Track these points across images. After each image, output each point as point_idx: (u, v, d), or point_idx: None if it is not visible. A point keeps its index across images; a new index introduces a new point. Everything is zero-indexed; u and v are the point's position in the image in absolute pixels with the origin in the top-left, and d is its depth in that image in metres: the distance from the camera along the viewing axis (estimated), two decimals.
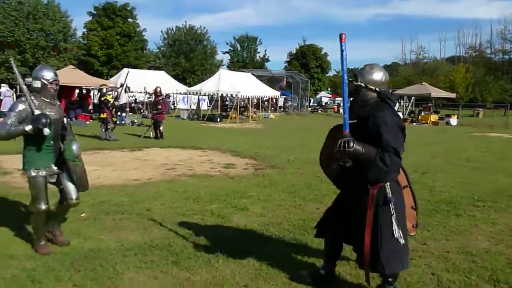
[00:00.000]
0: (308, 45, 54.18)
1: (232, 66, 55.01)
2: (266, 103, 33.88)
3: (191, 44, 51.90)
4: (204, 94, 27.56)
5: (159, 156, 10.78)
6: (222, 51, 61.22)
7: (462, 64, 55.08)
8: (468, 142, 16.30)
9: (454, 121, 27.77)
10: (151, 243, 4.48)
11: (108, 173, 8.31)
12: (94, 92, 26.38)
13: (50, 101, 4.19)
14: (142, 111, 27.29)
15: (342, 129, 3.14)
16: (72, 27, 41.21)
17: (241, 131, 19.13)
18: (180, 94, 31.14)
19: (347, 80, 3.15)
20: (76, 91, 24.22)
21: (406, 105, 33.55)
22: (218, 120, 24.51)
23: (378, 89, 3.23)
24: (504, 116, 32.46)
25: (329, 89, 63.98)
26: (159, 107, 14.72)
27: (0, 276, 3.62)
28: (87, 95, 25.03)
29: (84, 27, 44.49)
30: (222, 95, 26.43)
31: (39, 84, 4.13)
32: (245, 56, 59.48)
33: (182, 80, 40.98)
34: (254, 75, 32.12)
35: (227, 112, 27.07)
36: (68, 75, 19.51)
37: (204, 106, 30.83)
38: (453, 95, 34.45)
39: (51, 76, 4.17)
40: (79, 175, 4.20)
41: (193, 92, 28.02)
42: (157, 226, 5.02)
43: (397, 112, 3.33)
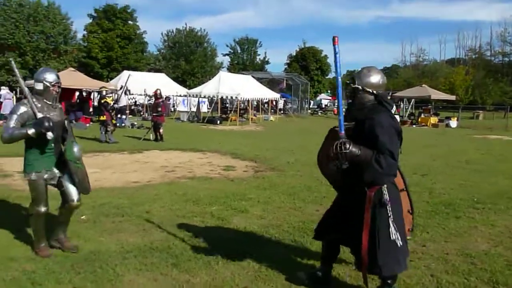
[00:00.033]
0: (308, 47, 54.31)
1: (232, 69, 55.09)
2: (266, 105, 33.87)
3: (191, 47, 52.02)
4: (204, 97, 27.59)
5: (159, 158, 10.80)
6: (222, 53, 61.63)
7: (462, 66, 55.20)
8: (468, 144, 16.30)
9: (454, 123, 27.76)
10: (151, 245, 4.50)
11: (108, 175, 8.32)
12: (94, 95, 26.40)
13: (52, 103, 4.18)
14: (142, 113, 27.29)
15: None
16: (72, 29, 41.28)
17: (241, 133, 19.14)
18: (180, 96, 31.16)
19: (341, 82, 3.17)
20: (76, 94, 24.25)
21: (406, 107, 33.55)
22: (218, 122, 24.53)
23: (375, 92, 3.25)
24: (504, 118, 32.48)
25: (329, 91, 64.01)
26: (159, 109, 14.76)
27: (1, 278, 3.63)
28: (88, 97, 25.05)
29: (84, 30, 44.68)
30: (222, 97, 26.47)
31: (41, 87, 4.12)
32: (245, 58, 59.61)
33: (182, 83, 41.06)
34: (254, 77, 32.16)
35: (227, 115, 27.06)
36: (68, 78, 19.52)
37: (204, 108, 30.87)
38: (453, 97, 34.46)
39: (53, 78, 4.16)
40: (81, 177, 4.18)
41: (193, 95, 28.03)
42: (157, 228, 5.03)
43: (394, 115, 3.35)
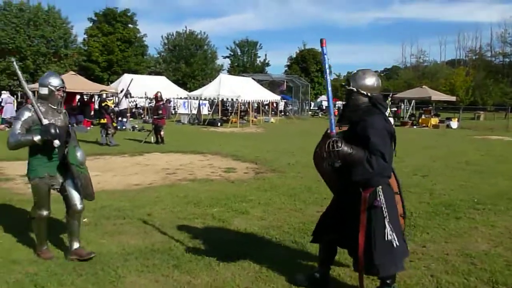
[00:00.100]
0: (308, 49, 54.42)
1: (232, 71, 55.21)
2: (267, 107, 33.94)
3: (192, 49, 52.13)
4: (205, 99, 27.68)
5: (160, 161, 10.82)
6: (223, 56, 61.83)
7: (462, 67, 55.22)
8: (469, 145, 16.29)
9: (454, 124, 27.75)
10: (152, 247, 4.52)
11: (109, 178, 8.35)
12: (95, 98, 26.47)
13: (57, 107, 4.18)
14: (142, 116, 27.35)
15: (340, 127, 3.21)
16: (72, 33, 41.48)
17: (241, 136, 19.16)
18: (180, 99, 31.21)
19: (330, 81, 3.23)
20: (77, 97, 24.32)
21: (407, 108, 33.58)
22: (219, 124, 24.55)
23: (369, 94, 3.28)
24: (504, 119, 32.48)
25: None
26: (160, 112, 14.80)
27: (4, 281, 3.65)
28: (90, 101, 25.13)
29: (84, 33, 44.84)
30: (223, 99, 26.52)
31: (46, 91, 4.11)
32: (245, 61, 59.74)
33: (183, 85, 41.13)
34: (255, 79, 32.19)
35: (228, 117, 27.09)
36: (69, 81, 19.28)
37: (205, 110, 30.89)
38: (453, 98, 34.49)
39: (58, 83, 4.17)
40: (84, 182, 4.16)
41: (193, 97, 28.09)
42: (158, 230, 5.05)
43: (388, 117, 3.38)
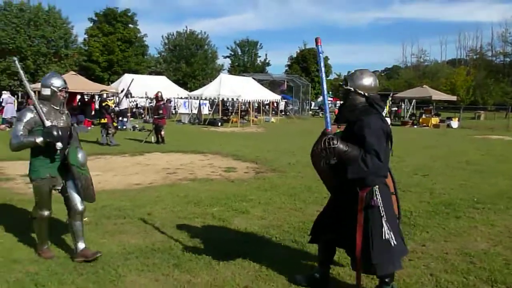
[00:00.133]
0: (308, 49, 54.37)
1: (233, 71, 55.25)
2: (267, 107, 33.94)
3: (192, 49, 52.16)
4: (205, 99, 27.68)
5: (160, 160, 10.84)
6: (223, 56, 61.73)
7: (463, 67, 55.22)
8: (469, 145, 16.29)
9: (455, 123, 27.74)
10: (153, 246, 4.53)
11: (109, 178, 8.36)
12: (96, 98, 26.50)
13: (59, 108, 4.17)
14: (143, 116, 27.38)
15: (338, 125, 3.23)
16: (73, 33, 41.53)
17: (242, 135, 19.18)
18: (181, 98, 31.23)
19: (325, 79, 3.26)
20: (78, 97, 24.35)
21: (407, 108, 33.58)
22: (219, 124, 24.57)
23: (367, 94, 3.30)
24: (505, 118, 32.48)
25: (330, 92, 64.14)
26: (160, 112, 14.82)
27: (4, 280, 3.67)
28: (91, 101, 25.15)
29: (85, 33, 44.93)
30: (223, 99, 26.53)
31: (48, 92, 4.11)
32: (245, 60, 59.77)
33: (183, 85, 41.15)
34: (255, 79, 32.21)
35: (228, 116, 27.12)
36: (69, 81, 19.01)
37: (205, 110, 30.90)
38: (454, 98, 34.46)
39: (60, 83, 4.17)
40: (84, 184, 4.13)
41: (194, 97, 28.10)
42: (158, 230, 5.06)
43: (384, 117, 3.39)
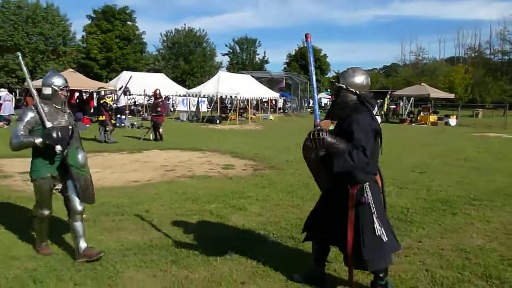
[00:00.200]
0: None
1: (231, 68, 55.17)
2: (266, 104, 33.94)
3: (190, 47, 52.12)
4: (204, 96, 27.64)
5: (158, 158, 10.85)
6: (222, 53, 61.76)
7: (461, 65, 55.27)
8: (467, 143, 16.32)
9: (453, 121, 27.78)
10: (151, 242, 4.56)
11: (107, 175, 8.38)
12: (95, 95, 26.47)
13: (61, 107, 4.16)
14: (141, 113, 27.36)
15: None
16: (71, 30, 41.56)
17: (240, 133, 19.19)
18: (179, 96, 31.23)
19: (315, 74, 3.32)
20: (76, 95, 24.30)
21: (406, 105, 33.62)
22: (218, 121, 24.56)
23: (358, 92, 3.33)
24: (503, 116, 32.52)
25: (328, 90, 64.08)
26: (159, 109, 14.80)
27: (3, 277, 3.69)
28: (89, 98, 25.10)
29: (83, 31, 44.86)
30: (222, 97, 26.48)
31: (49, 91, 4.09)
32: (244, 58, 59.68)
33: (182, 82, 41.16)
34: (254, 76, 32.17)
35: (227, 114, 27.09)
36: (67, 79, 19.44)
37: (204, 108, 30.91)
38: (452, 96, 34.52)
39: (61, 82, 4.16)
40: (84, 185, 4.09)
41: (192, 94, 28.07)
42: (156, 227, 5.09)
43: (374, 115, 3.43)
